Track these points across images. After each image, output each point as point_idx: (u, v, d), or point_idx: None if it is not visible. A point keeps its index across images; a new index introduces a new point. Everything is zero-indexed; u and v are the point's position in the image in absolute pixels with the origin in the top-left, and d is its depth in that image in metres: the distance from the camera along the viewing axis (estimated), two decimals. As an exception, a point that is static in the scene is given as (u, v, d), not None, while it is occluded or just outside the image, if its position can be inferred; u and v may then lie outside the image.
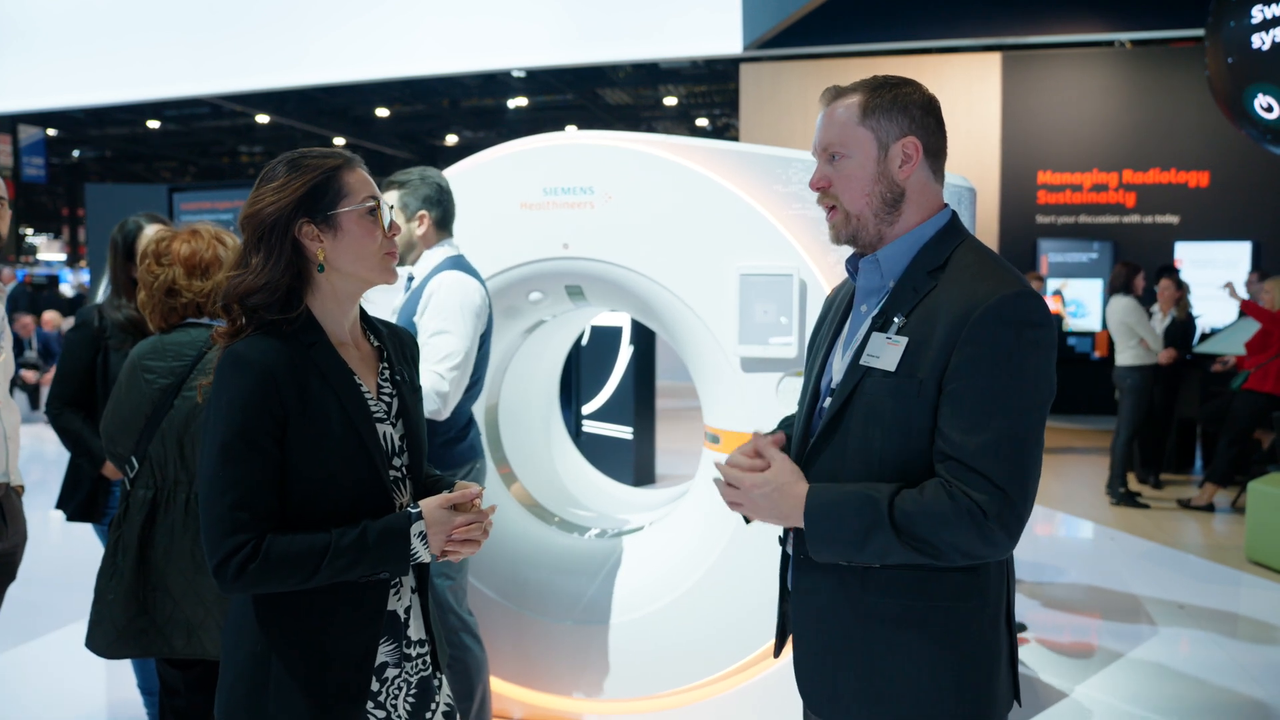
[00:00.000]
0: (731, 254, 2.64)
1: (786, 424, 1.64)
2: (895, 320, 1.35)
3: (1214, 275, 9.20)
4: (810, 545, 1.34)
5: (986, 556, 1.29)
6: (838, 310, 1.52)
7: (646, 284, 2.75)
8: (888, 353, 1.33)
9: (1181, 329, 6.67)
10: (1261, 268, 8.97)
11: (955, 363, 1.27)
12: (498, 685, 2.95)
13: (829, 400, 1.42)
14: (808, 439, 1.44)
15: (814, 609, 1.42)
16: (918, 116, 1.38)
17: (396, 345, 1.54)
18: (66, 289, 18.53)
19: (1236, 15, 5.70)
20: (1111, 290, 6.40)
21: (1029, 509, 1.28)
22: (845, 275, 1.54)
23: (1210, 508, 6.06)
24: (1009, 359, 1.26)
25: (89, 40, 9.97)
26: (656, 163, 2.73)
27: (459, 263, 2.58)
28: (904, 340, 1.32)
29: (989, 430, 1.25)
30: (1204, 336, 7.53)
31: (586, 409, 6.49)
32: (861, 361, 1.36)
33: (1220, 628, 4.05)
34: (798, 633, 1.46)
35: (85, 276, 19.49)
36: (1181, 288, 6.85)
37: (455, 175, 2.99)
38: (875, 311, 1.40)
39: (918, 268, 1.37)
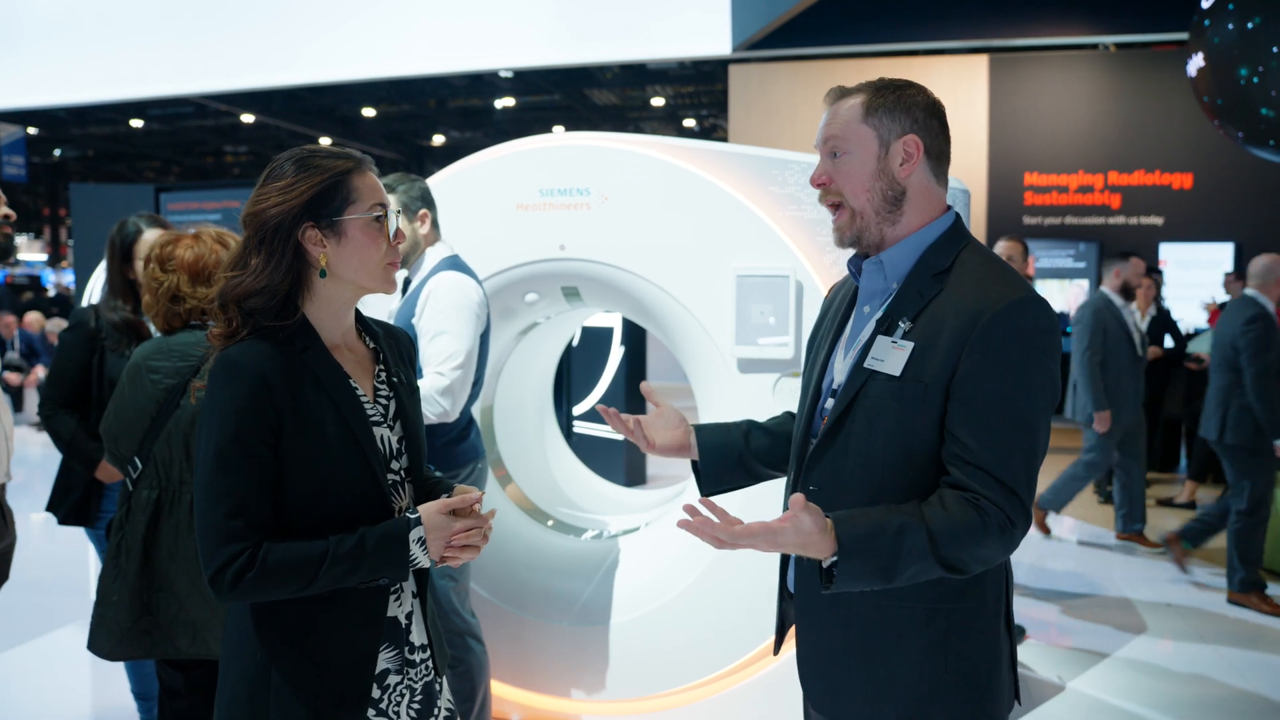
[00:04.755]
0: (728, 255, 2.65)
1: (765, 420, 1.64)
2: (900, 324, 1.35)
3: (1198, 276, 9.31)
4: (841, 582, 1.24)
5: (1000, 560, 1.31)
6: (838, 309, 1.52)
7: (643, 285, 2.75)
8: (892, 357, 1.33)
9: (1161, 325, 6.74)
10: (1241, 269, 9.08)
11: (964, 368, 1.28)
12: (495, 687, 2.95)
13: (830, 402, 1.42)
14: (808, 440, 1.45)
15: (817, 610, 1.42)
16: (920, 118, 1.38)
17: (393, 346, 1.52)
18: (48, 290, 18.33)
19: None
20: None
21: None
22: (840, 276, 1.54)
23: (1192, 505, 6.13)
24: (1018, 365, 1.27)
25: (72, 38, 9.86)
26: (653, 164, 2.74)
27: (455, 263, 2.58)
28: (910, 345, 1.32)
29: (1004, 435, 1.26)
30: (1189, 336, 7.60)
31: (577, 410, 6.49)
32: (866, 364, 1.36)
33: (1208, 624, 4.09)
34: (801, 632, 1.47)
35: (68, 277, 19.29)
36: (1156, 283, 6.92)
37: (450, 176, 2.99)
38: (879, 314, 1.40)
39: (922, 271, 1.37)
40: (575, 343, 6.38)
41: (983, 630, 1.36)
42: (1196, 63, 6.01)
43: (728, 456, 1.59)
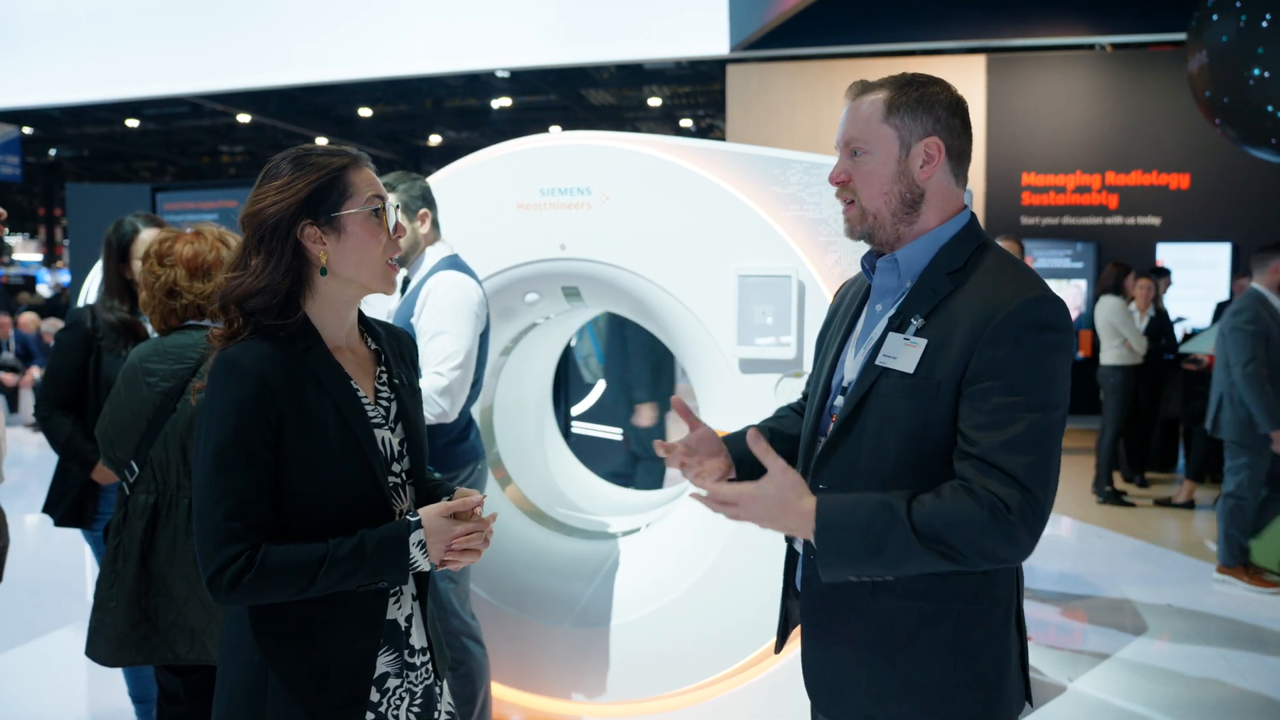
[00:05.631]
0: (729, 255, 2.64)
1: (771, 421, 1.65)
2: (913, 321, 1.34)
3: (1196, 276, 9.32)
4: (821, 559, 1.28)
5: (1008, 558, 1.26)
6: (849, 307, 1.51)
7: (644, 285, 2.74)
8: (905, 354, 1.32)
9: (1159, 324, 6.74)
10: (1241, 269, 9.08)
11: (975, 366, 1.27)
12: (495, 689, 2.93)
13: (840, 399, 1.41)
14: (818, 436, 1.44)
15: (824, 609, 1.41)
16: (943, 117, 1.36)
17: (394, 347, 1.51)
18: (44, 289, 18.29)
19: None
20: (1101, 290, 6.46)
21: (1049, 508, 1.26)
22: (847, 276, 1.53)
23: (1190, 504, 6.13)
24: (1030, 361, 1.26)
25: (67, 38, 9.83)
26: (654, 163, 2.72)
27: (455, 262, 2.56)
28: (923, 342, 1.31)
29: (1010, 428, 1.24)
30: (1186, 336, 7.61)
31: (575, 410, 6.47)
32: (878, 362, 1.35)
33: (1207, 624, 4.09)
34: (806, 632, 1.46)
35: (64, 277, 19.24)
36: (1159, 282, 6.90)
37: (451, 176, 2.97)
38: (892, 312, 1.38)
39: (936, 269, 1.36)
40: (574, 343, 6.36)
41: (993, 631, 1.35)
42: (1199, 60, 5.98)
43: (756, 465, 1.58)
